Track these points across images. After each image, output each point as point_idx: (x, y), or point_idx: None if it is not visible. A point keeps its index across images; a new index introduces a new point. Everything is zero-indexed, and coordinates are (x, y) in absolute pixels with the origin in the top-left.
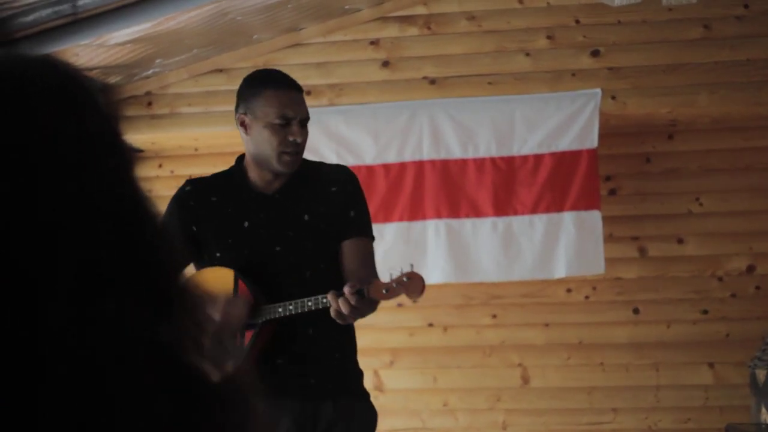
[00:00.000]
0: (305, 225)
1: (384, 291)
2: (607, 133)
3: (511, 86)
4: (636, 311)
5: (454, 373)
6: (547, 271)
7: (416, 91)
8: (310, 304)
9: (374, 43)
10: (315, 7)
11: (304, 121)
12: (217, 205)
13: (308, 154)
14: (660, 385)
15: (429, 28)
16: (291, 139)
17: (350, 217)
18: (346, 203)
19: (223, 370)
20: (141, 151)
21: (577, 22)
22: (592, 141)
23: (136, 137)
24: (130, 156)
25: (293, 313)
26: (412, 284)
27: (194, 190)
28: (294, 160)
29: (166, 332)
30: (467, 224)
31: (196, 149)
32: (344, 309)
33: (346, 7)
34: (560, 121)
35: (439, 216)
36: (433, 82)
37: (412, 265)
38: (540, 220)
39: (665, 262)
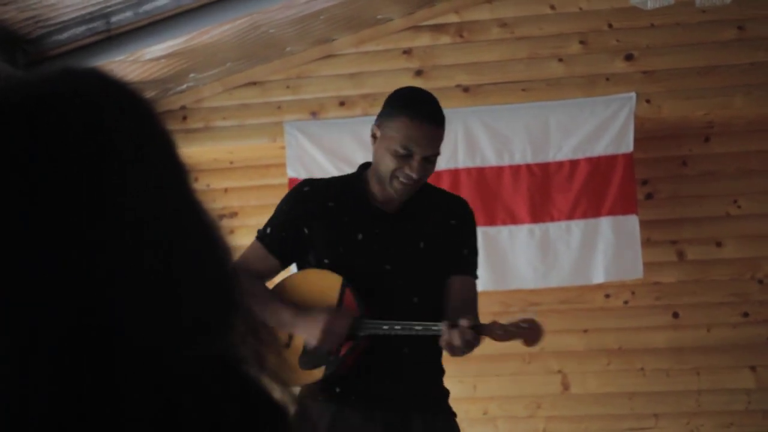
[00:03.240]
0: (419, 251)
1: (500, 332)
2: (642, 137)
3: (544, 92)
4: (676, 315)
5: (494, 381)
6: (585, 277)
7: (450, 100)
8: (418, 328)
9: (407, 52)
10: (347, 18)
11: (429, 157)
12: (333, 211)
13: (344, 165)
14: (701, 390)
15: (461, 36)
16: (407, 172)
17: (463, 255)
18: (462, 240)
19: (312, 376)
20: None
21: (610, 26)
22: (628, 145)
23: None
24: (185, 168)
25: (398, 334)
26: (531, 332)
27: (312, 192)
28: (405, 191)
29: (229, 344)
30: (504, 231)
31: (231, 162)
32: (456, 341)
33: (378, 17)
34: (595, 126)
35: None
36: (466, 90)
37: (535, 313)
38: (577, 226)
39: (704, 265)
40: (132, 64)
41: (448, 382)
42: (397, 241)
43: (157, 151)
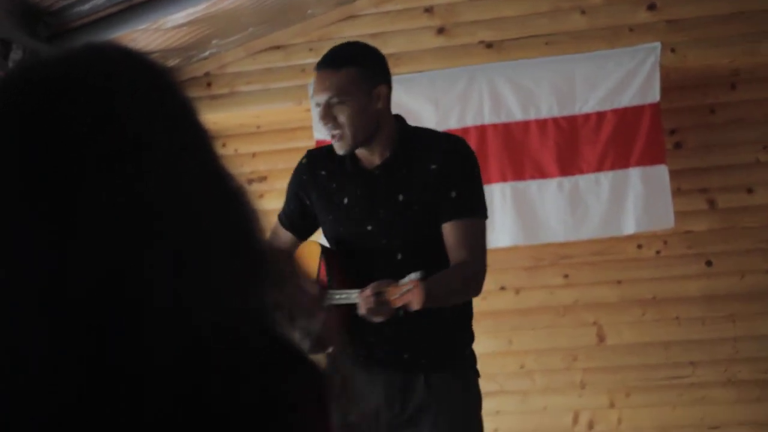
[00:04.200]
0: (399, 205)
1: (395, 298)
2: (668, 86)
3: (568, 45)
4: (709, 264)
5: (529, 335)
6: (615, 228)
7: (473, 56)
8: (354, 295)
9: (428, 10)
10: None
11: (328, 103)
12: (324, 179)
13: None
14: (737, 337)
15: None
16: (321, 120)
17: (450, 198)
18: (447, 182)
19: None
20: None
21: None
22: (654, 95)
23: None
24: (209, 135)
25: (346, 302)
26: (412, 294)
27: (308, 163)
28: (338, 143)
29: (259, 302)
30: (533, 186)
31: (258, 127)
32: (360, 309)
33: None
34: (620, 78)
35: (504, 179)
36: (489, 45)
37: (420, 273)
38: (606, 178)
39: (735, 212)
40: (154, 32)
41: (481, 337)
42: (377, 198)
43: (181, 121)
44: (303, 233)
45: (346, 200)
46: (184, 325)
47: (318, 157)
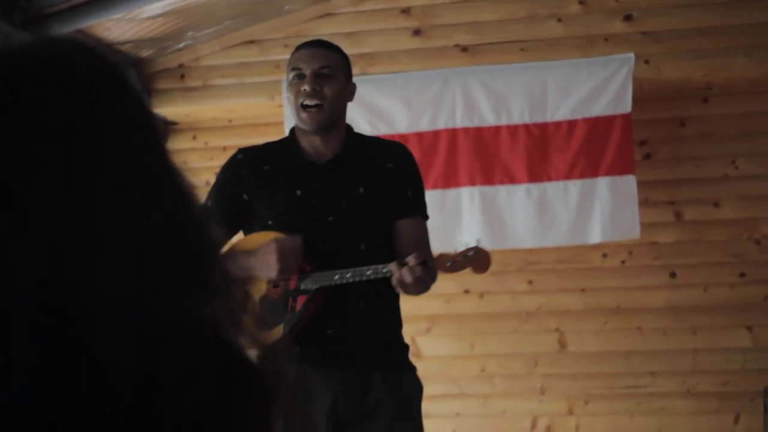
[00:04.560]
0: (360, 198)
1: (448, 264)
2: (641, 98)
3: (543, 52)
4: (673, 275)
5: (491, 340)
6: (582, 237)
7: (448, 59)
8: (369, 272)
9: (405, 11)
10: None
11: (319, 72)
12: (269, 173)
13: None
14: (698, 349)
15: None
16: (303, 88)
17: (407, 196)
18: (403, 182)
19: (271, 336)
20: (174, 123)
21: None
22: (626, 106)
23: (169, 110)
24: (161, 132)
25: (350, 281)
26: (478, 259)
27: (246, 159)
28: (312, 115)
29: (206, 310)
30: (501, 191)
31: (230, 120)
32: (407, 278)
33: None
34: (593, 87)
35: (473, 183)
36: (465, 49)
37: (479, 240)
38: (574, 186)
39: (702, 225)
40: (129, 22)
41: (444, 340)
42: (336, 190)
43: (135, 117)
44: (233, 228)
45: (299, 192)
46: (133, 321)
47: (256, 153)
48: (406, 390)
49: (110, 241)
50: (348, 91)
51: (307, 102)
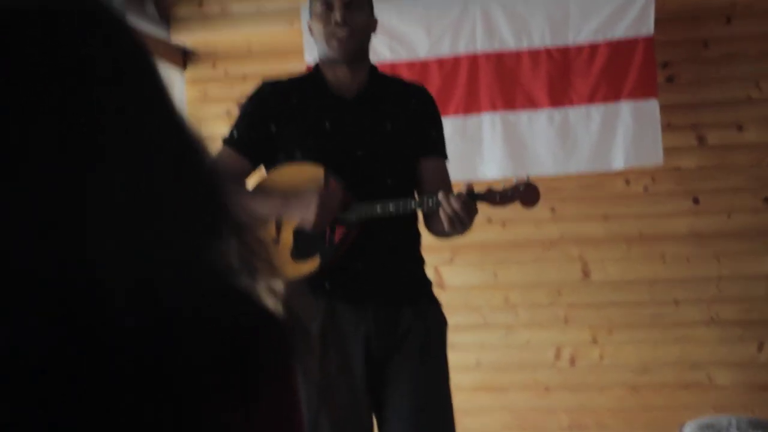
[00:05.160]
0: (387, 133)
1: (497, 198)
2: (663, 18)
3: None
4: (696, 201)
5: (514, 269)
6: (605, 163)
7: None
8: (413, 204)
9: None
10: None
11: (351, 5)
12: (297, 106)
13: None
14: (721, 276)
15: None
16: (335, 20)
17: (431, 136)
18: (426, 121)
19: (307, 267)
20: (193, 52)
21: None
22: (648, 28)
23: (188, 38)
24: (164, 80)
25: (393, 213)
26: (527, 193)
27: (273, 91)
28: (341, 44)
29: (218, 254)
30: (523, 117)
31: (249, 48)
32: (457, 206)
33: None
34: (615, 8)
35: (494, 109)
36: None
37: (528, 175)
38: (597, 111)
39: (725, 150)
40: None
41: (469, 270)
42: (365, 125)
43: (137, 71)
44: (260, 161)
45: (328, 125)
46: (142, 275)
47: (284, 86)
48: (434, 322)
49: (115, 189)
50: (374, 25)
51: (339, 32)
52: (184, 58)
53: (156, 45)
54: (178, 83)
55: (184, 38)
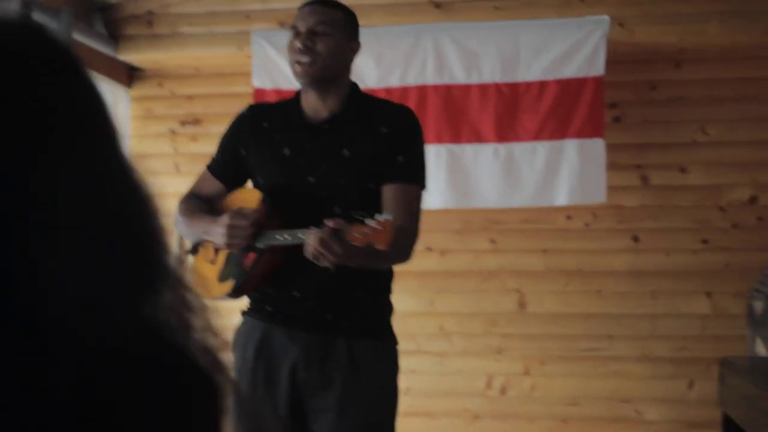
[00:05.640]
0: (342, 160)
1: (358, 235)
2: (614, 60)
3: (517, 11)
4: (636, 239)
5: (451, 298)
6: (548, 199)
7: (421, 15)
8: (300, 234)
9: None
10: None
11: (313, 30)
12: (267, 131)
13: None
14: (657, 314)
15: None
16: (296, 46)
17: (397, 162)
18: (395, 147)
19: (222, 289)
20: (140, 70)
21: None
22: (599, 68)
23: (136, 56)
24: (112, 122)
25: (287, 243)
26: (380, 234)
27: (251, 115)
28: (303, 70)
29: (153, 309)
30: (468, 150)
31: (197, 69)
32: (311, 245)
33: None
34: (567, 48)
35: (440, 141)
36: (438, 5)
37: (387, 218)
38: (542, 147)
39: (667, 190)
40: None
41: (403, 296)
42: (321, 151)
43: (86, 110)
44: (233, 184)
45: (287, 151)
46: (69, 326)
47: (261, 110)
48: (372, 361)
49: (47, 237)
50: (349, 49)
51: (300, 58)
52: (130, 75)
53: (102, 61)
54: (122, 100)
55: (132, 56)
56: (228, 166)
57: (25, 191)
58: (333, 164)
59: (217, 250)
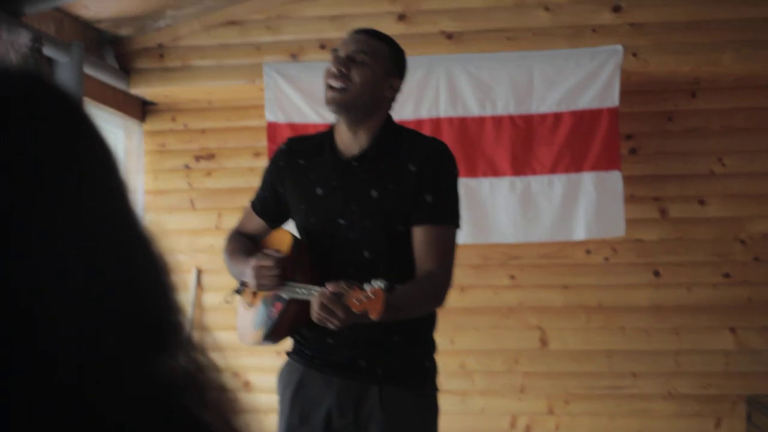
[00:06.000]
0: (371, 201)
1: (356, 301)
2: (628, 90)
3: (530, 42)
4: (657, 274)
5: (472, 335)
6: (566, 233)
7: (433, 46)
8: (315, 292)
9: None
10: None
11: (351, 56)
12: (302, 168)
13: (323, 109)
14: (680, 350)
15: None
16: (331, 70)
17: (425, 202)
18: (423, 186)
19: (254, 337)
20: (153, 104)
21: None
22: (613, 99)
23: (147, 90)
24: (123, 179)
25: (305, 297)
26: (373, 303)
27: (287, 151)
28: (335, 95)
29: (164, 368)
30: (485, 184)
31: (209, 102)
32: (314, 306)
33: None
34: (580, 79)
35: None
36: (450, 36)
37: (382, 285)
38: (559, 181)
39: (687, 223)
40: (107, 0)
41: None
42: (352, 191)
43: (95, 166)
44: (274, 221)
45: (319, 191)
46: (73, 385)
47: (298, 145)
48: (406, 409)
49: (53, 296)
50: (387, 84)
51: (332, 83)
52: (143, 110)
53: (115, 95)
54: (136, 135)
55: (144, 90)
56: (267, 203)
57: (24, 248)
58: (361, 206)
59: (254, 294)
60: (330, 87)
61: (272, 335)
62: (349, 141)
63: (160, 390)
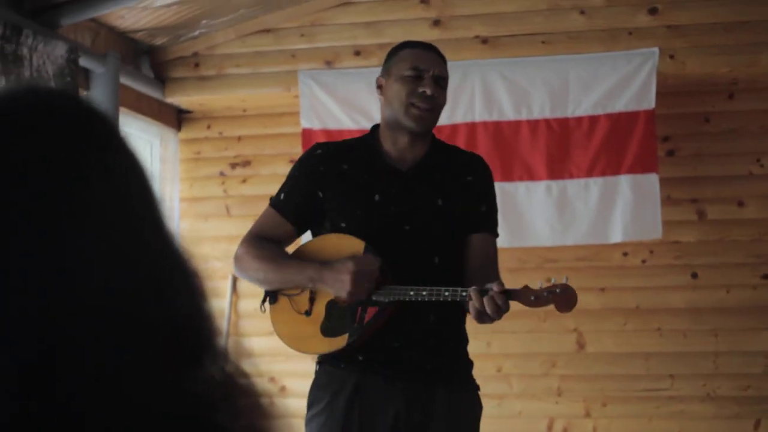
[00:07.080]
0: (438, 209)
1: (532, 298)
2: (664, 92)
3: (565, 45)
4: (694, 276)
5: (509, 339)
6: (602, 236)
7: (468, 51)
8: (447, 294)
9: (424, 1)
10: None
11: (438, 78)
12: (348, 173)
13: (358, 116)
14: (719, 351)
15: None
16: (421, 90)
17: (482, 212)
18: (480, 196)
19: (335, 344)
20: (189, 112)
21: None
22: (650, 102)
23: (183, 99)
24: (156, 195)
25: (426, 300)
26: (563, 297)
27: (325, 155)
28: (423, 116)
29: (196, 383)
30: (521, 188)
31: (244, 110)
32: (489, 309)
33: None
34: (616, 82)
35: None
36: (485, 41)
37: (566, 278)
38: (595, 184)
39: (725, 225)
40: (142, 10)
41: None
42: (415, 199)
43: (127, 182)
44: (305, 226)
45: (377, 197)
46: (111, 399)
47: (337, 150)
48: (466, 410)
49: (92, 312)
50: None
51: (422, 104)
52: (179, 118)
53: (150, 104)
54: (171, 143)
55: (179, 99)
56: (301, 208)
57: (59, 264)
58: (428, 213)
59: (312, 301)
60: (417, 107)
61: (358, 342)
62: (406, 152)
63: (193, 408)
